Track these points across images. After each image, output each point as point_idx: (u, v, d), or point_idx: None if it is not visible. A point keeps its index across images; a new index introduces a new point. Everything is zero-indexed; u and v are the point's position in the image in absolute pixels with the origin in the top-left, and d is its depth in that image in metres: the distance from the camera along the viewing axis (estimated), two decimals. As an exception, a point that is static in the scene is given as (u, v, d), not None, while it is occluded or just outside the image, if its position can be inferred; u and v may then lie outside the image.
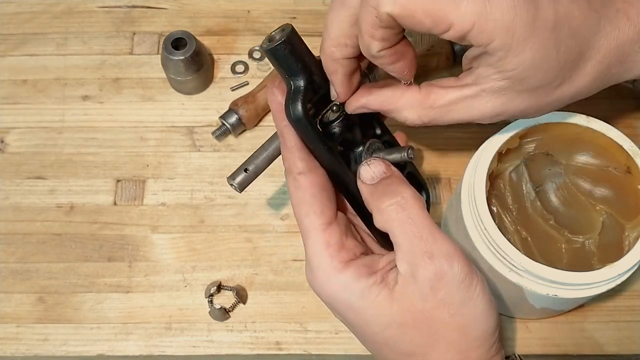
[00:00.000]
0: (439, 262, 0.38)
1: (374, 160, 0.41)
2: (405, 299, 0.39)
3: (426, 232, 0.38)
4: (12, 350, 0.55)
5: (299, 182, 0.40)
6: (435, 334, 0.39)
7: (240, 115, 0.60)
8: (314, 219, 0.40)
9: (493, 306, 0.40)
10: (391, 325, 0.39)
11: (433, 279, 0.38)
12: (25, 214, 0.60)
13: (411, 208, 0.39)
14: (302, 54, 0.38)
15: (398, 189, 0.40)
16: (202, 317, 0.56)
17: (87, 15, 0.69)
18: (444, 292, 0.38)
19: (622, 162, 0.48)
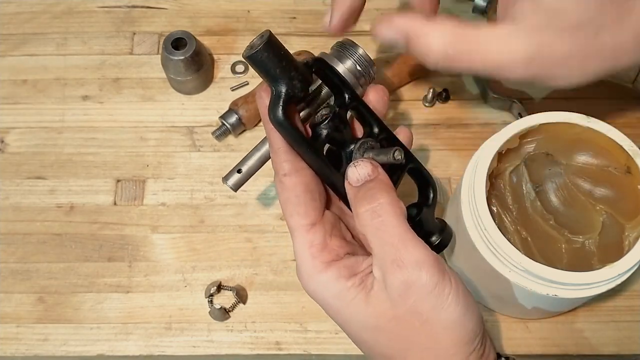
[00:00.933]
0: (407, 271, 0.37)
1: (361, 162, 0.41)
2: (379, 304, 0.38)
3: (397, 239, 0.38)
4: (12, 350, 0.55)
5: (284, 184, 0.41)
6: (409, 340, 0.39)
7: (240, 115, 0.60)
8: (297, 219, 0.41)
9: (470, 314, 0.38)
10: (367, 328, 0.39)
11: (401, 287, 0.37)
12: (25, 214, 0.60)
13: (386, 215, 0.39)
14: (281, 59, 0.38)
15: (377, 194, 0.39)
16: (202, 317, 0.56)
17: (87, 15, 0.69)
18: (413, 300, 0.37)
19: (622, 162, 0.48)
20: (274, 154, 0.41)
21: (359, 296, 0.39)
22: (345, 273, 0.40)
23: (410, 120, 0.63)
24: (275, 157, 0.41)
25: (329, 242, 0.41)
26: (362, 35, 0.68)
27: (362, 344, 0.41)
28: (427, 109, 0.64)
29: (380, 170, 0.41)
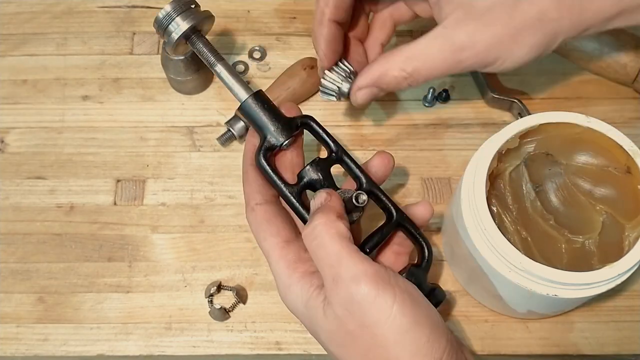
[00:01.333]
0: (345, 286, 0.38)
1: (321, 191, 0.43)
2: (332, 321, 0.39)
3: (333, 258, 0.39)
4: (12, 350, 0.55)
5: (255, 212, 0.44)
6: (367, 354, 0.38)
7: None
8: (271, 240, 0.43)
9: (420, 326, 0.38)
10: (331, 342, 0.40)
11: (344, 303, 0.38)
12: (25, 214, 0.60)
13: (320, 236, 0.39)
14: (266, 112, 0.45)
15: (315, 217, 0.40)
16: (202, 317, 0.56)
17: (87, 15, 0.69)
18: (358, 314, 0.38)
19: (622, 162, 0.48)
20: (247, 186, 0.45)
21: (319, 308, 0.40)
22: (314, 284, 0.41)
23: (411, 120, 0.63)
24: (248, 188, 0.45)
25: (303, 255, 0.42)
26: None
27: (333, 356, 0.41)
28: (427, 109, 0.64)
29: (333, 198, 0.42)
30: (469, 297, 0.56)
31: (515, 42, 0.43)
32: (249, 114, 0.46)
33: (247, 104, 0.46)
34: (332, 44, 0.46)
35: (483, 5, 0.42)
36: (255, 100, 0.46)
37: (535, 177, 0.50)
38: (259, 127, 0.46)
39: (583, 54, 0.63)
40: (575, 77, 0.65)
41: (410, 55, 0.44)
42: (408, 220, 0.47)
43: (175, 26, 0.48)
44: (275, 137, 0.45)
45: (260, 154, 0.45)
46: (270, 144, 0.45)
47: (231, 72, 0.48)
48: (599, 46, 0.62)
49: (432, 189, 0.60)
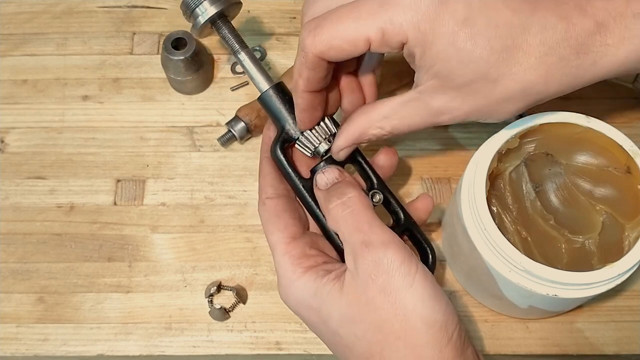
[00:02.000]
0: (374, 250, 0.40)
1: (328, 168, 0.44)
2: (352, 293, 0.40)
3: (365, 225, 0.41)
4: (12, 350, 0.55)
5: (266, 205, 0.45)
6: (383, 327, 0.39)
7: (247, 123, 0.60)
8: (277, 234, 0.44)
9: (439, 299, 0.39)
10: (343, 322, 0.40)
11: (371, 267, 0.39)
12: (25, 214, 0.60)
13: (354, 205, 0.42)
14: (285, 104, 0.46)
15: (345, 190, 0.43)
16: (202, 317, 0.56)
17: (87, 15, 0.69)
18: (382, 279, 0.39)
19: (622, 162, 0.48)
20: (261, 178, 0.47)
21: (334, 288, 0.41)
22: (322, 273, 0.42)
23: (410, 120, 0.63)
24: (262, 180, 0.47)
25: (308, 252, 0.44)
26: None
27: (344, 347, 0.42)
28: (427, 109, 0.64)
29: (346, 174, 0.45)
30: (469, 297, 0.56)
31: (496, 111, 0.43)
32: (268, 105, 0.47)
33: (267, 95, 0.47)
34: (309, 112, 0.45)
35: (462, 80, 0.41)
36: (276, 91, 0.46)
37: (535, 177, 0.50)
38: (277, 118, 0.46)
39: (583, 54, 0.63)
40: (575, 77, 0.65)
41: (388, 115, 0.44)
42: (415, 225, 0.47)
43: (202, 10, 0.48)
44: (293, 129, 0.46)
45: (277, 145, 0.46)
46: (287, 136, 0.46)
47: (254, 61, 0.48)
48: (599, 46, 0.62)
49: (432, 189, 0.60)
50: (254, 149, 0.62)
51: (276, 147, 0.46)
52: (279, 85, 0.47)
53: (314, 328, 0.44)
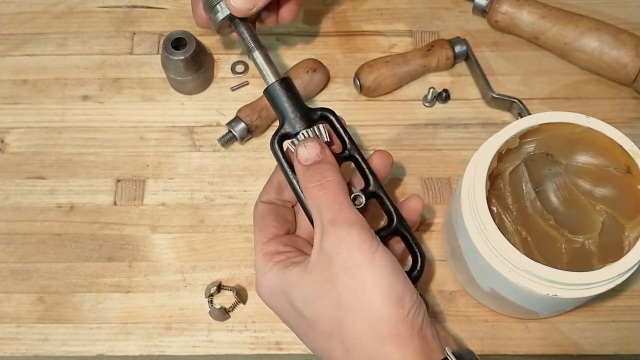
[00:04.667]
0: (339, 227, 0.42)
1: (310, 142, 0.45)
2: (315, 270, 0.42)
3: (336, 205, 0.43)
4: (12, 350, 0.55)
5: (258, 207, 0.49)
6: (342, 303, 0.41)
7: (247, 124, 0.60)
8: (258, 234, 0.47)
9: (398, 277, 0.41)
10: (307, 300, 0.42)
11: (335, 243, 0.41)
12: (25, 214, 0.60)
13: (331, 188, 0.44)
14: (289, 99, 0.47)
15: (325, 172, 0.44)
16: (202, 317, 0.56)
17: (87, 15, 0.69)
18: (345, 254, 0.41)
19: (622, 162, 0.48)
20: (267, 183, 0.50)
21: (299, 269, 0.43)
22: (289, 264, 0.45)
23: (410, 120, 0.63)
24: (266, 185, 0.50)
25: (282, 249, 0.46)
26: (363, 35, 0.68)
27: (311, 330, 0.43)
28: (427, 109, 0.64)
29: (327, 152, 0.46)
30: (469, 297, 0.56)
31: None
32: (272, 98, 0.48)
33: (271, 88, 0.48)
34: None
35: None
36: (281, 86, 0.48)
37: (535, 177, 0.50)
38: (280, 112, 0.48)
39: (583, 54, 0.63)
40: (575, 77, 0.65)
41: None
42: (408, 228, 0.48)
43: (222, 6, 0.49)
44: (292, 125, 0.47)
45: (275, 138, 0.47)
46: (286, 131, 0.47)
47: (267, 60, 0.49)
48: (599, 46, 0.62)
49: (432, 189, 0.60)
50: (254, 149, 0.62)
51: (274, 140, 0.47)
52: (285, 80, 0.48)
53: (284, 316, 0.46)
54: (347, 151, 0.48)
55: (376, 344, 0.40)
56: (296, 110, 0.47)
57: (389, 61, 0.63)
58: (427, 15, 0.68)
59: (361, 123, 0.63)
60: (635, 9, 0.68)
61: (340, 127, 0.48)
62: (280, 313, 0.46)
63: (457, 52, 0.64)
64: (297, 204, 0.49)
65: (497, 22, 0.65)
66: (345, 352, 0.41)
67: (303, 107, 0.48)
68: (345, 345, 0.41)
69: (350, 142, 0.48)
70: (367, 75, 0.62)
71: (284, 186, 0.49)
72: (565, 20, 0.63)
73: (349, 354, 0.41)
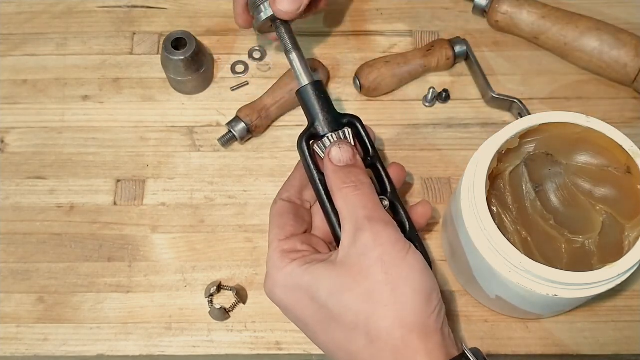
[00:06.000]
0: (376, 224, 0.43)
1: (345, 145, 0.47)
2: (345, 264, 0.43)
3: (371, 204, 0.45)
4: (12, 350, 0.55)
5: (276, 204, 0.49)
6: (372, 295, 0.42)
7: (247, 124, 0.60)
8: (275, 231, 0.47)
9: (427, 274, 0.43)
10: (333, 291, 0.43)
11: (371, 238, 0.43)
12: (25, 214, 0.60)
13: (365, 189, 0.45)
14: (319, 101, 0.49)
15: (359, 176, 0.46)
16: (202, 317, 0.56)
17: (87, 15, 0.69)
18: (380, 250, 0.42)
19: (622, 162, 0.48)
20: (288, 180, 0.51)
21: (325, 263, 0.44)
22: (309, 260, 0.45)
23: (410, 120, 0.63)
24: (287, 182, 0.51)
25: (299, 247, 0.46)
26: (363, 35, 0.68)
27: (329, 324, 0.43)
28: (427, 109, 0.64)
29: (358, 158, 0.47)
30: (469, 297, 0.56)
31: None
32: (304, 99, 0.49)
33: (305, 90, 0.49)
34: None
35: None
36: (313, 88, 0.49)
37: (535, 177, 0.50)
38: (310, 113, 0.49)
39: (583, 54, 0.63)
40: (575, 77, 0.65)
41: None
42: (418, 239, 0.48)
43: (266, 6, 0.51)
44: (322, 126, 0.49)
45: (303, 137, 0.48)
46: (315, 131, 0.49)
47: (302, 61, 0.51)
48: (599, 46, 0.62)
49: (432, 189, 0.60)
50: (254, 149, 0.62)
51: (302, 139, 0.48)
52: (317, 83, 0.49)
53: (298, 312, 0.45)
54: (369, 158, 0.49)
55: (403, 335, 0.41)
56: (326, 113, 0.49)
57: (389, 61, 0.63)
58: (427, 15, 0.68)
59: (361, 123, 0.63)
60: (635, 9, 0.68)
61: (365, 135, 0.50)
62: (293, 309, 0.46)
63: (457, 52, 0.64)
64: (315, 204, 0.50)
65: (497, 22, 0.65)
66: (369, 342, 0.42)
67: (332, 111, 0.49)
68: (370, 336, 0.41)
69: (373, 150, 0.50)
70: (367, 75, 0.62)
71: (305, 186, 0.50)
72: (565, 20, 0.63)
73: (372, 344, 0.41)
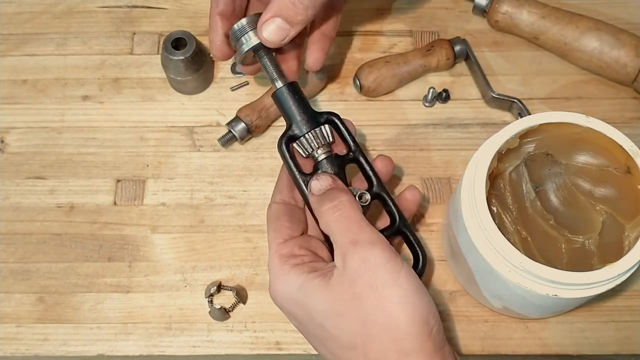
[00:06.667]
0: (362, 248, 0.42)
1: (322, 175, 0.46)
2: (338, 289, 0.42)
3: (354, 225, 0.43)
4: (12, 350, 0.55)
5: (270, 208, 0.49)
6: (367, 321, 0.41)
7: (247, 124, 0.60)
8: (272, 234, 0.47)
9: (421, 295, 0.42)
10: (329, 315, 0.42)
11: (358, 264, 0.42)
12: (25, 214, 0.60)
13: (344, 208, 0.44)
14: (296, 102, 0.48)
15: (337, 194, 0.45)
16: (202, 317, 0.56)
17: (87, 15, 0.69)
18: (369, 274, 0.41)
19: (622, 162, 0.48)
20: (277, 183, 0.50)
21: (320, 283, 0.43)
22: (307, 270, 0.45)
23: (411, 120, 0.63)
24: (276, 185, 0.50)
25: (297, 251, 0.46)
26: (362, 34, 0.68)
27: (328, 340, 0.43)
28: (427, 109, 0.64)
29: (339, 182, 0.47)
30: (469, 297, 0.56)
31: None
32: (280, 102, 0.49)
33: (280, 92, 0.49)
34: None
35: None
36: (288, 89, 0.49)
37: (535, 177, 0.50)
38: (287, 115, 0.49)
39: (583, 54, 0.63)
40: (575, 77, 0.65)
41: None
42: (409, 228, 0.49)
43: (247, 39, 0.50)
44: (299, 127, 0.48)
45: (282, 140, 0.48)
46: (293, 133, 0.48)
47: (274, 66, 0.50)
48: (599, 46, 0.62)
49: (432, 189, 0.60)
50: (254, 149, 0.62)
51: (282, 141, 0.48)
52: (291, 85, 0.49)
53: (297, 322, 0.46)
54: (351, 153, 0.49)
55: (401, 358, 0.40)
56: (303, 113, 0.48)
57: (389, 61, 0.63)
58: (427, 15, 0.68)
59: (361, 123, 0.63)
60: (635, 9, 0.68)
61: (345, 130, 0.49)
62: (294, 319, 0.46)
63: (457, 52, 0.64)
64: None
65: (497, 22, 0.65)
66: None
67: (309, 110, 0.49)
68: (369, 357, 0.41)
69: (354, 144, 0.49)
70: (367, 75, 0.62)
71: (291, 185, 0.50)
72: (565, 20, 0.63)
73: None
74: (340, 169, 0.49)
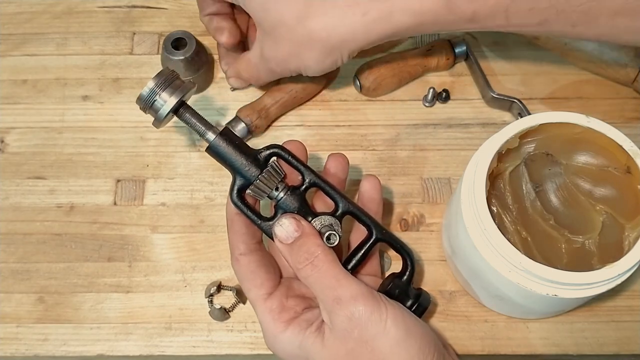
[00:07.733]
0: (345, 305, 0.42)
1: (284, 219, 0.45)
2: (332, 345, 0.43)
3: (333, 281, 0.43)
4: (12, 350, 0.55)
5: (240, 262, 0.47)
6: None
7: (247, 124, 0.60)
8: (255, 291, 0.46)
9: (412, 337, 0.42)
10: None
11: (345, 322, 0.42)
12: (25, 214, 0.60)
13: (321, 264, 0.43)
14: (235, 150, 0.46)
15: (311, 249, 0.44)
16: (202, 317, 0.56)
17: (87, 15, 0.69)
18: (358, 330, 0.42)
19: (622, 162, 0.48)
20: (233, 235, 0.47)
21: (317, 341, 0.44)
22: (304, 325, 0.45)
23: (411, 120, 0.63)
24: (232, 237, 0.47)
25: (286, 303, 0.46)
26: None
27: None
28: (427, 109, 0.64)
29: (304, 224, 0.45)
30: (469, 297, 0.56)
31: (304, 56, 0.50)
32: (218, 155, 0.46)
33: (214, 145, 0.46)
34: None
35: (268, 25, 0.50)
36: (222, 139, 0.46)
37: (535, 177, 0.50)
38: (231, 166, 0.46)
39: (583, 54, 0.63)
40: (575, 77, 0.65)
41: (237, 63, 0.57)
42: (389, 235, 0.48)
43: (162, 102, 0.46)
44: (246, 175, 0.46)
45: (233, 194, 0.46)
46: (242, 182, 0.46)
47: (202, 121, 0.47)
48: (599, 46, 0.62)
49: (432, 189, 0.60)
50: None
51: (233, 195, 0.46)
52: (225, 132, 0.46)
53: None
54: (306, 180, 0.47)
55: None
56: (245, 158, 0.46)
57: (389, 61, 0.63)
58: (427, 15, 0.68)
59: (361, 123, 0.63)
60: (635, 9, 0.68)
61: (294, 160, 0.47)
62: None
63: (457, 52, 0.64)
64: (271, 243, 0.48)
65: (497, 22, 0.65)
66: None
67: (251, 152, 0.46)
68: None
69: (306, 170, 0.47)
70: (367, 75, 0.62)
71: (251, 229, 0.47)
72: (565, 20, 0.63)
73: None
74: (302, 200, 0.47)
